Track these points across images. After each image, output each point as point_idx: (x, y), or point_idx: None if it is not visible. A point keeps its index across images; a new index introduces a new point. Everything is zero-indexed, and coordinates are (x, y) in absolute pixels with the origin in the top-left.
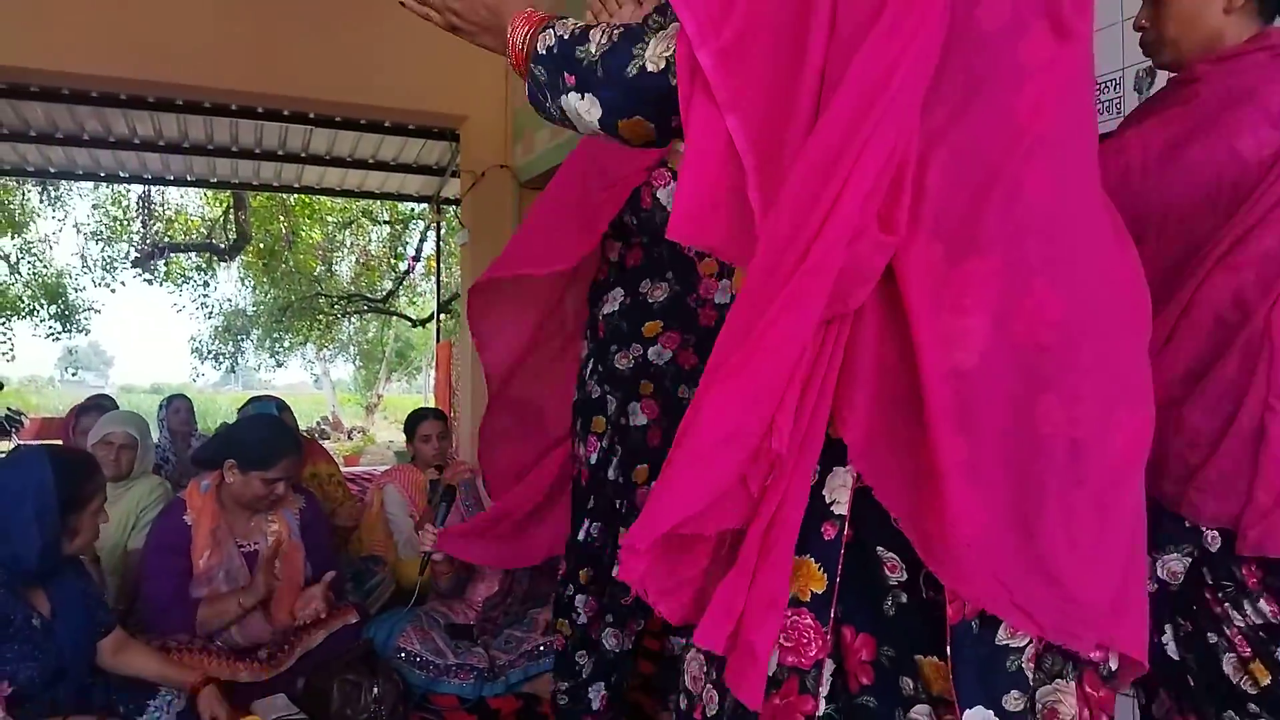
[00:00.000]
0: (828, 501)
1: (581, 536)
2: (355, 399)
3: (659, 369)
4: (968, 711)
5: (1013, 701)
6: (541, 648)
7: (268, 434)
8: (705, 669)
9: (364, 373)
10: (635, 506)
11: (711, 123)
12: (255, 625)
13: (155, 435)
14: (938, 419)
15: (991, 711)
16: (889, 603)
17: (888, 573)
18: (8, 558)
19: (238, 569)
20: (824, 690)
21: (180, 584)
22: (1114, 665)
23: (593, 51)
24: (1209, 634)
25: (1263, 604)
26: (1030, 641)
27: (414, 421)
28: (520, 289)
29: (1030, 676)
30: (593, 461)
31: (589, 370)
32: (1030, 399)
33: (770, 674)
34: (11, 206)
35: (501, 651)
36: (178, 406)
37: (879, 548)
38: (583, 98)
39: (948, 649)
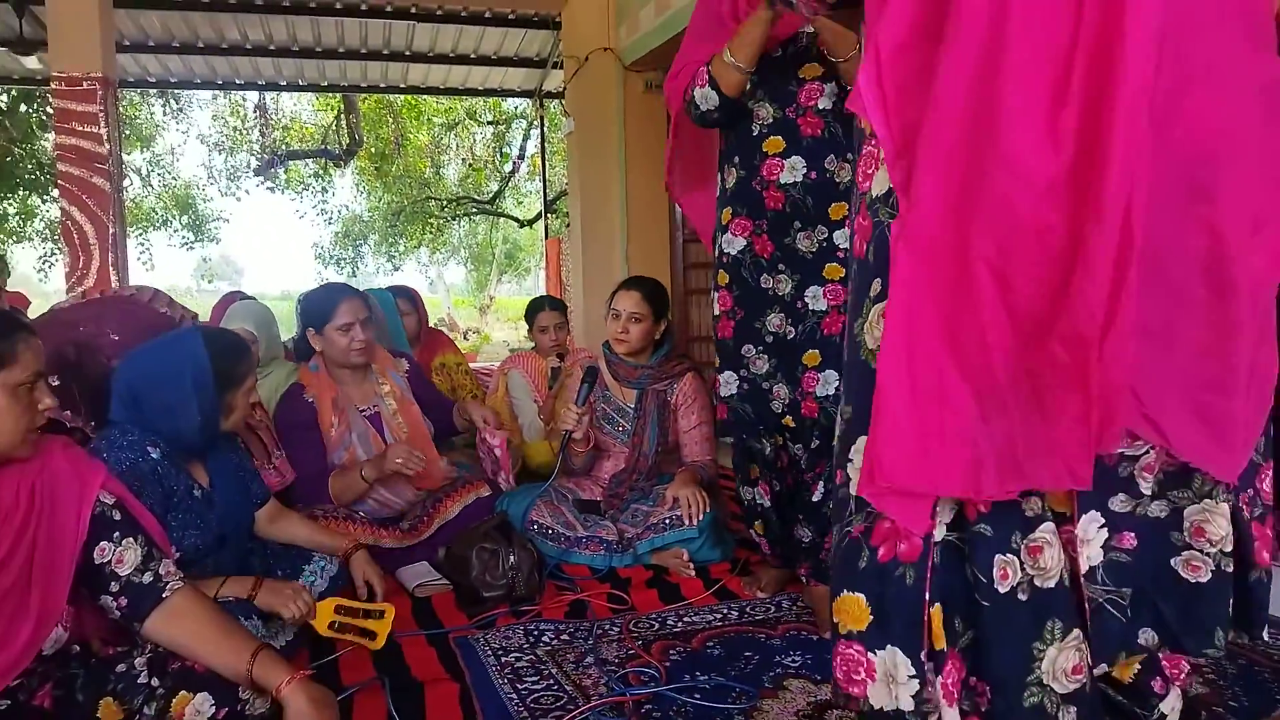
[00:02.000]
0: None
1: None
2: (469, 301)
3: (732, 258)
4: (1084, 516)
5: (1119, 504)
6: (667, 521)
7: (320, 293)
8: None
9: (475, 275)
10: (716, 391)
11: None
12: (399, 489)
13: (296, 329)
14: None
15: (1098, 513)
16: None
17: None
18: (170, 432)
19: (365, 430)
20: (941, 516)
21: (317, 454)
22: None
23: None
24: None
25: None
26: (1148, 451)
27: (533, 311)
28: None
29: (1145, 485)
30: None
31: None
32: (1184, 211)
33: None
34: (139, 121)
35: (629, 525)
36: None
37: None
38: None
39: None
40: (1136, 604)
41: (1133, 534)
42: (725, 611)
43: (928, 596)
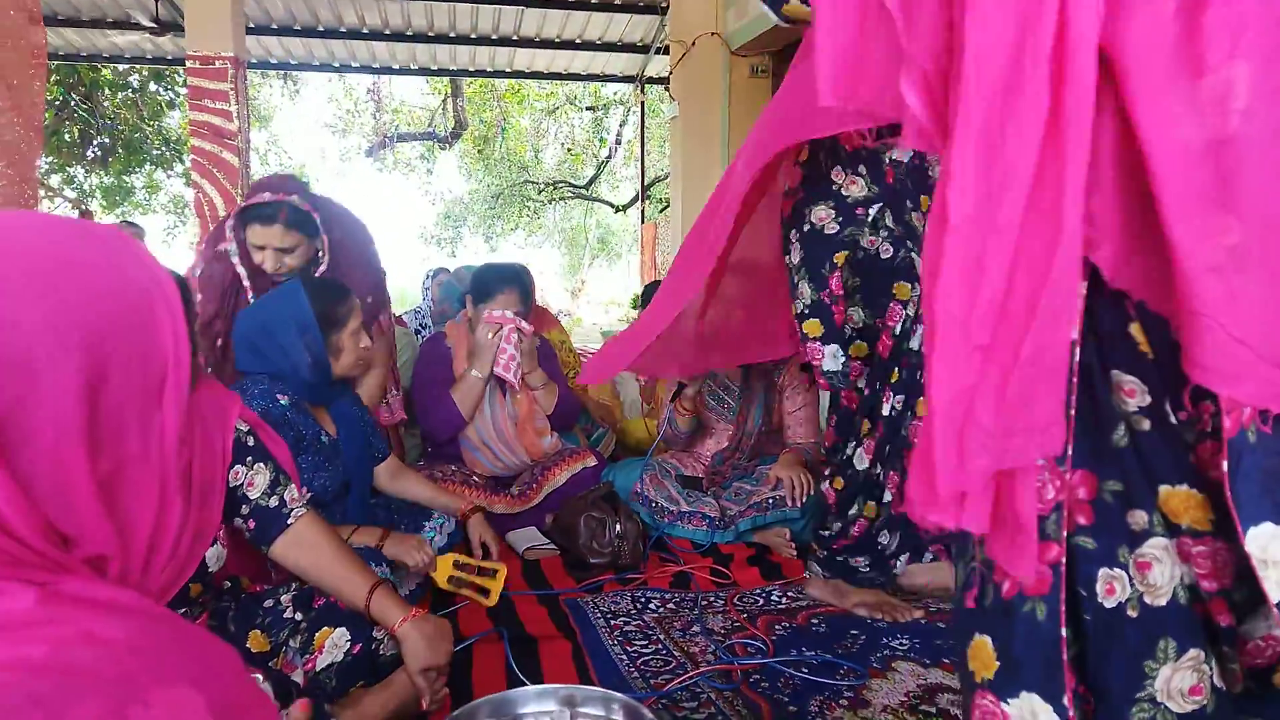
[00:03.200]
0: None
1: (887, 411)
2: (561, 284)
3: None
4: (1253, 529)
5: None
6: (770, 501)
7: (492, 272)
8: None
9: (568, 259)
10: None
11: None
12: (513, 447)
13: (420, 303)
14: (1193, 204)
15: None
16: (1120, 432)
17: (1124, 398)
18: (290, 374)
19: (491, 385)
20: (1065, 533)
21: (445, 389)
22: None
23: None
24: None
25: None
26: None
27: (652, 295)
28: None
29: None
30: (897, 331)
31: (868, 222)
32: None
33: None
34: (257, 101)
35: (732, 503)
36: (442, 279)
37: (1114, 371)
38: None
39: (1225, 465)
40: None
41: None
42: None
43: (1064, 633)
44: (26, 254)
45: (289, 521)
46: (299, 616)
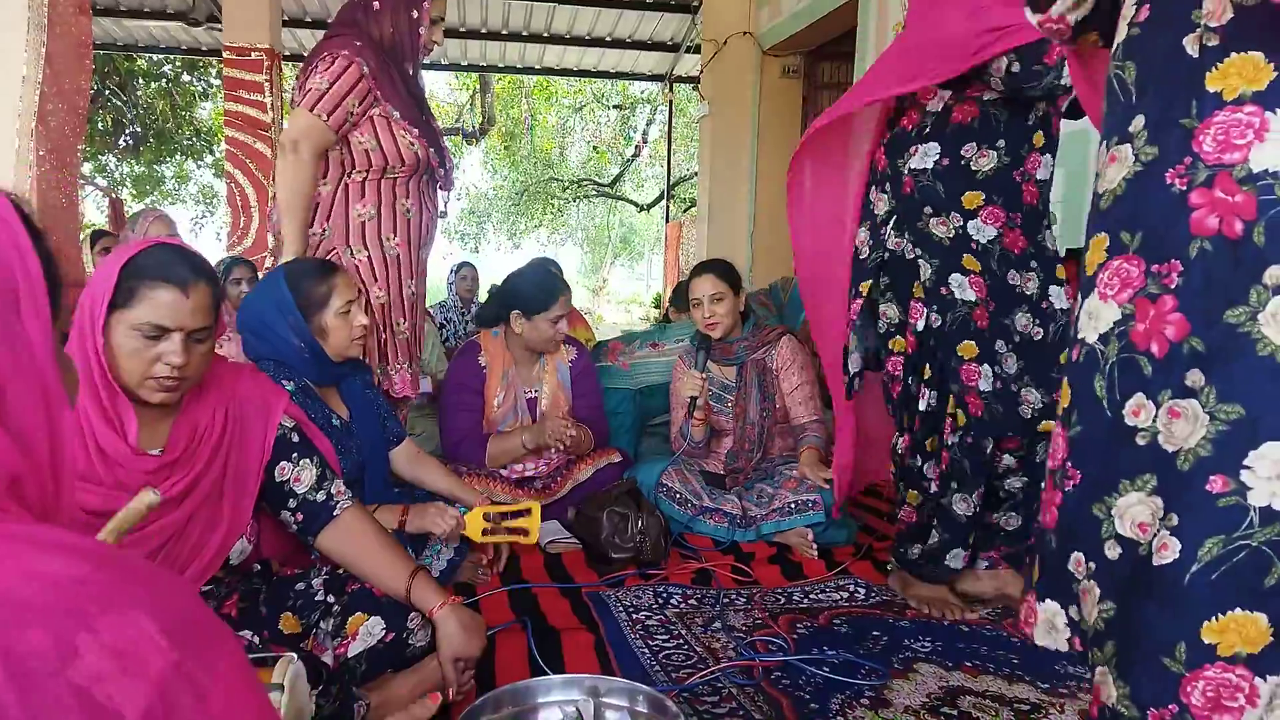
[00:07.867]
0: None
1: (923, 407)
2: (582, 282)
3: (983, 247)
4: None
5: None
6: (793, 505)
7: (541, 280)
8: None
9: (590, 257)
10: (963, 383)
11: None
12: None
13: (445, 297)
14: None
15: None
16: None
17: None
18: (293, 358)
19: (523, 413)
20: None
21: (476, 419)
22: None
23: None
24: None
25: None
26: None
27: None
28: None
29: None
30: (920, 328)
31: (890, 226)
32: None
33: None
34: (287, 94)
35: (754, 505)
36: (465, 273)
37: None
38: None
39: None
40: None
41: None
42: (852, 590)
43: (1078, 554)
44: None
45: (335, 514)
46: (331, 599)
